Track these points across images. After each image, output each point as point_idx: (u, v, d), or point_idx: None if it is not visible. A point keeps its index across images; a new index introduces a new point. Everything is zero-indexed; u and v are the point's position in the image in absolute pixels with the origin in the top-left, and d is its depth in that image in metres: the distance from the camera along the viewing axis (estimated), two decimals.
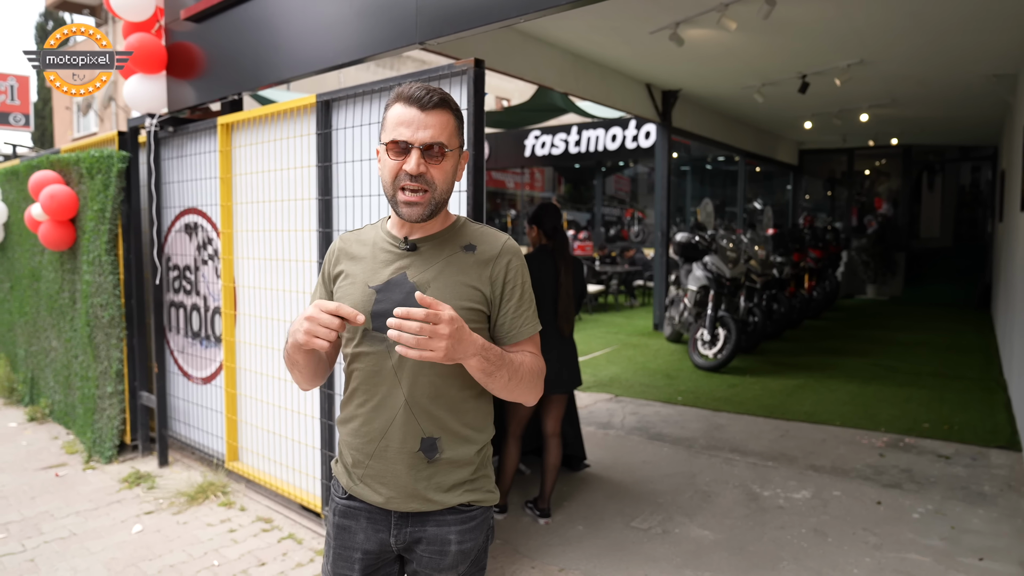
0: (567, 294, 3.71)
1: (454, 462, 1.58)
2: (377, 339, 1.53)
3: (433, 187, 1.50)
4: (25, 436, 5.36)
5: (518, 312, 1.59)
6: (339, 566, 1.64)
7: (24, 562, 3.39)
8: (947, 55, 7.12)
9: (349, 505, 1.64)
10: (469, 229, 1.62)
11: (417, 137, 1.47)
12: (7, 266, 6.37)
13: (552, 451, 3.81)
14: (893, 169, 15.40)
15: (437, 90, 1.51)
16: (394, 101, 1.52)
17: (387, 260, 1.57)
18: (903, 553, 3.40)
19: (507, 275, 1.58)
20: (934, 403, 6.13)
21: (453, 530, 1.60)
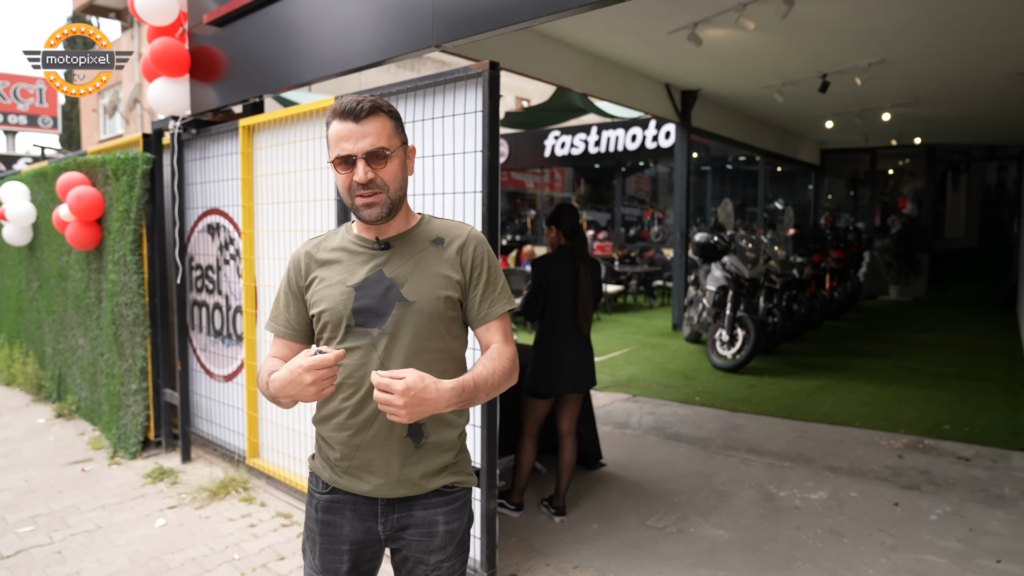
0: (586, 293, 3.72)
1: (439, 446, 1.67)
2: (360, 333, 1.61)
3: (385, 188, 1.59)
4: (53, 432, 5.48)
5: (485, 295, 1.68)
6: (327, 560, 1.69)
7: (51, 554, 3.48)
8: (970, 53, 7.04)
9: (332, 499, 1.69)
10: (434, 224, 1.72)
11: (359, 148, 1.55)
12: (36, 265, 6.52)
13: (567, 450, 3.83)
14: (917, 168, 15.21)
15: (367, 98, 1.58)
16: (331, 118, 1.60)
17: (363, 260, 1.65)
18: (919, 554, 3.38)
19: (473, 261, 1.67)
20: (955, 405, 6.06)
21: (440, 511, 1.67)
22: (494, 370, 1.61)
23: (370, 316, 1.61)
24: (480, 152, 2.80)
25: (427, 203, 3.08)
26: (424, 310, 1.61)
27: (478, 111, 2.81)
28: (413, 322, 1.60)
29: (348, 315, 1.61)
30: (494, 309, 1.69)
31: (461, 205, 2.92)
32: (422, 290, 1.61)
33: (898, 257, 13.54)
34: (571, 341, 3.69)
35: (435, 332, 1.63)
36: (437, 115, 3.00)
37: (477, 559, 3.00)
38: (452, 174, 2.96)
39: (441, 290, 1.63)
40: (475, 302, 1.68)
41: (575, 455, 3.85)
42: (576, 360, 3.70)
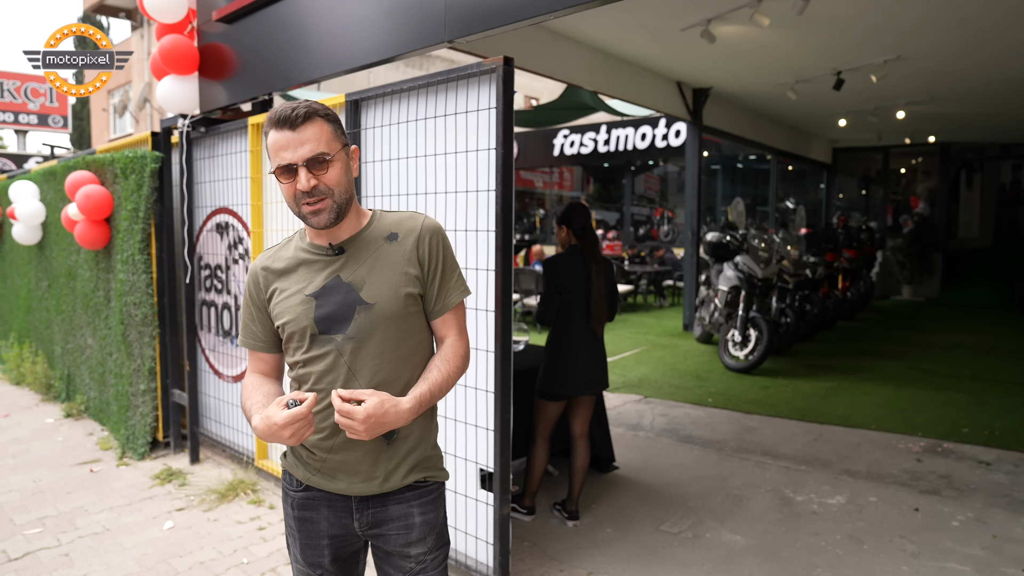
0: (599, 294, 3.66)
1: (410, 441, 1.68)
2: (325, 341, 1.61)
3: (330, 192, 1.58)
4: (61, 432, 5.46)
5: (442, 287, 1.69)
6: (308, 554, 1.72)
7: (59, 556, 3.45)
8: (988, 50, 6.92)
9: (307, 496, 1.70)
10: (386, 220, 1.70)
11: (298, 156, 1.54)
12: (45, 265, 6.51)
13: (580, 453, 3.76)
14: (930, 167, 15.04)
15: (302, 104, 1.56)
16: (268, 128, 1.58)
17: (318, 268, 1.65)
18: (942, 562, 3.30)
19: (430, 253, 1.67)
20: (973, 407, 5.96)
21: (414, 504, 1.70)
22: (448, 373, 1.66)
23: (333, 323, 1.61)
24: (494, 150, 2.74)
25: (439, 202, 3.02)
26: (386, 312, 1.61)
27: (492, 107, 2.75)
28: (376, 324, 1.61)
29: (311, 324, 1.61)
30: (449, 300, 1.70)
31: (474, 203, 2.86)
32: (381, 291, 1.61)
33: (911, 257, 13.40)
34: (584, 343, 3.63)
35: (400, 331, 1.64)
36: (449, 112, 2.94)
37: (490, 564, 2.94)
38: (464, 172, 2.90)
39: (401, 288, 1.63)
40: (432, 294, 1.69)
41: (588, 458, 3.79)
42: (589, 362, 3.63)
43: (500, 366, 2.79)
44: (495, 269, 2.78)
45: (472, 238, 2.88)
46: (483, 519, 2.97)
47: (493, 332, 2.80)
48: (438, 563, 1.74)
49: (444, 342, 1.72)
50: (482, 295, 2.85)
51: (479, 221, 2.85)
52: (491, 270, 2.80)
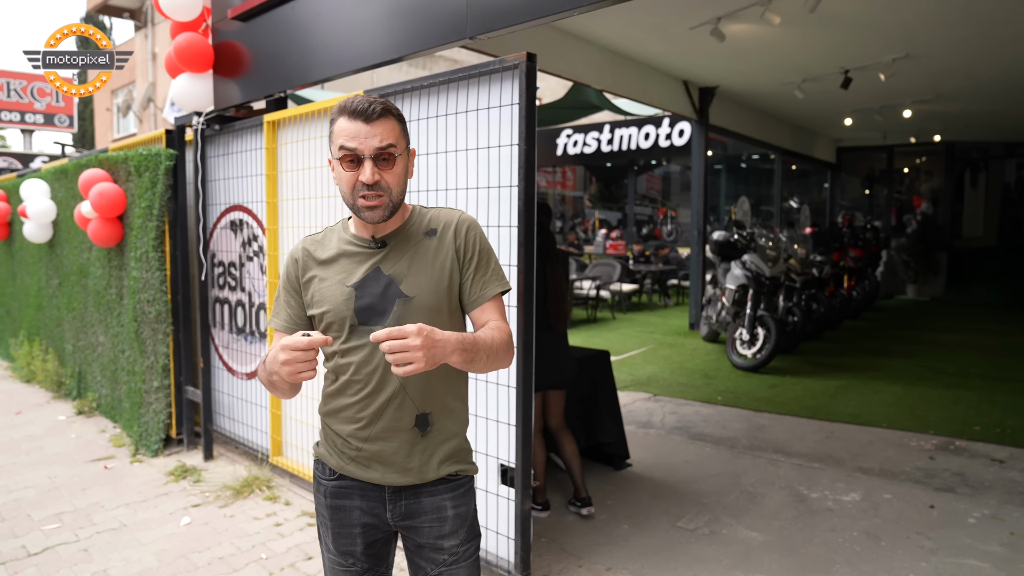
0: (556, 294, 3.67)
1: (444, 433, 1.70)
2: (364, 332, 1.62)
3: (388, 191, 1.59)
4: (74, 429, 5.47)
5: (477, 277, 1.69)
6: (341, 543, 1.73)
7: (78, 552, 3.45)
8: (997, 47, 6.93)
9: (340, 485, 1.72)
10: (426, 216, 1.73)
11: (368, 146, 1.55)
12: (56, 263, 6.52)
13: (564, 444, 3.81)
14: (935, 166, 15.05)
15: (379, 100, 1.59)
16: (339, 115, 1.59)
17: (359, 260, 1.67)
18: (961, 559, 3.31)
19: (466, 245, 1.69)
20: (984, 406, 5.96)
21: (447, 497, 1.71)
22: (493, 338, 1.63)
23: (372, 314, 1.63)
24: (516, 146, 2.75)
25: (460, 197, 3.03)
26: (424, 304, 1.63)
27: (514, 104, 2.75)
28: (414, 317, 1.61)
29: (351, 315, 1.63)
30: (487, 290, 1.70)
31: (496, 199, 2.87)
32: (421, 284, 1.64)
33: (916, 256, 13.40)
34: (547, 339, 3.63)
35: (437, 324, 1.62)
36: (471, 108, 2.94)
37: (511, 560, 2.95)
38: (487, 168, 2.91)
39: (439, 281, 1.66)
40: (468, 284, 1.70)
41: (575, 444, 3.84)
42: (549, 358, 3.64)
43: (522, 361, 2.80)
44: (518, 264, 2.79)
45: (494, 233, 2.89)
46: (504, 514, 2.98)
47: (516, 326, 2.81)
48: (470, 555, 1.75)
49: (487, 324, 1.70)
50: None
51: (501, 217, 2.86)
52: (514, 265, 2.81)
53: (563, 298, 3.71)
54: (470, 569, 1.74)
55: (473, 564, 1.76)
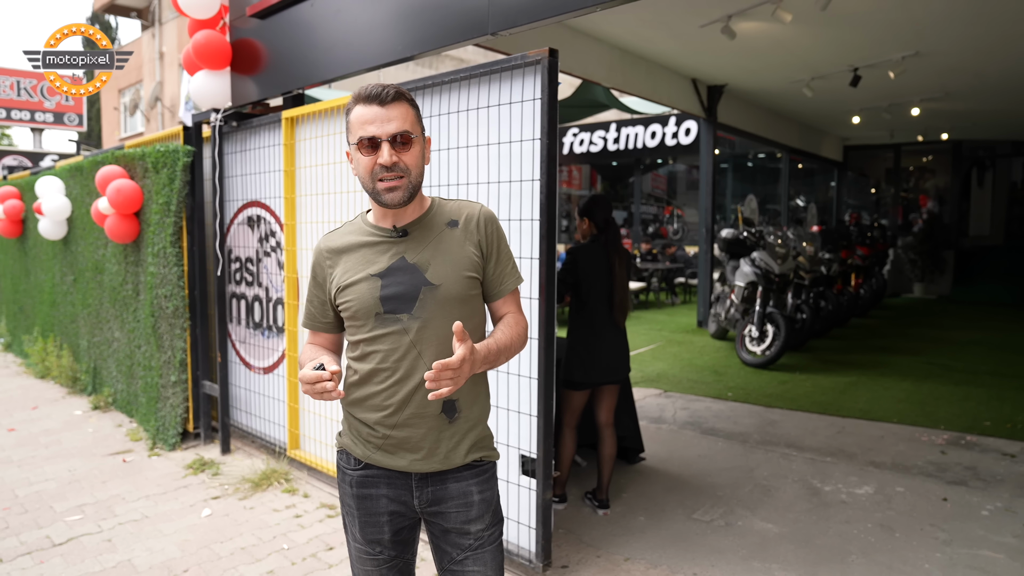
0: (622, 286, 3.71)
1: (470, 420, 1.74)
2: (391, 320, 1.66)
3: (408, 172, 1.63)
4: (90, 423, 5.52)
5: (497, 271, 1.75)
6: (368, 532, 1.75)
7: (102, 542, 3.50)
8: (1006, 45, 6.95)
9: (367, 474, 1.74)
10: (446, 207, 1.76)
11: (384, 130, 1.59)
12: (70, 259, 6.57)
13: (607, 441, 3.80)
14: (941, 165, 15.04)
15: (391, 86, 1.63)
16: (354, 104, 1.64)
17: (382, 249, 1.69)
18: (975, 550, 3.34)
19: (488, 238, 1.74)
20: (994, 401, 5.98)
21: (472, 483, 1.74)
22: (511, 336, 1.71)
23: (398, 303, 1.65)
24: (539, 140, 2.79)
25: (482, 192, 3.07)
26: (450, 292, 1.66)
27: (536, 99, 2.79)
28: (440, 305, 1.65)
29: (376, 304, 1.66)
30: (506, 284, 1.77)
31: (518, 193, 2.91)
32: (446, 273, 1.66)
33: (923, 255, 13.41)
34: (606, 333, 3.67)
35: (462, 312, 1.69)
36: (492, 103, 2.98)
37: (532, 550, 2.99)
38: (508, 162, 2.94)
39: (463, 271, 1.68)
40: (490, 276, 1.75)
41: (615, 447, 3.83)
42: (611, 351, 3.68)
43: (544, 353, 2.84)
44: (539, 258, 2.83)
45: (516, 227, 2.93)
46: (524, 504, 3.02)
47: (537, 319, 2.85)
48: (495, 539, 1.78)
49: (505, 316, 1.78)
50: (526, 283, 2.90)
51: (523, 210, 2.90)
52: (535, 258, 2.85)
53: (627, 294, 3.74)
54: (495, 553, 1.77)
55: (497, 548, 1.78)
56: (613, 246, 3.73)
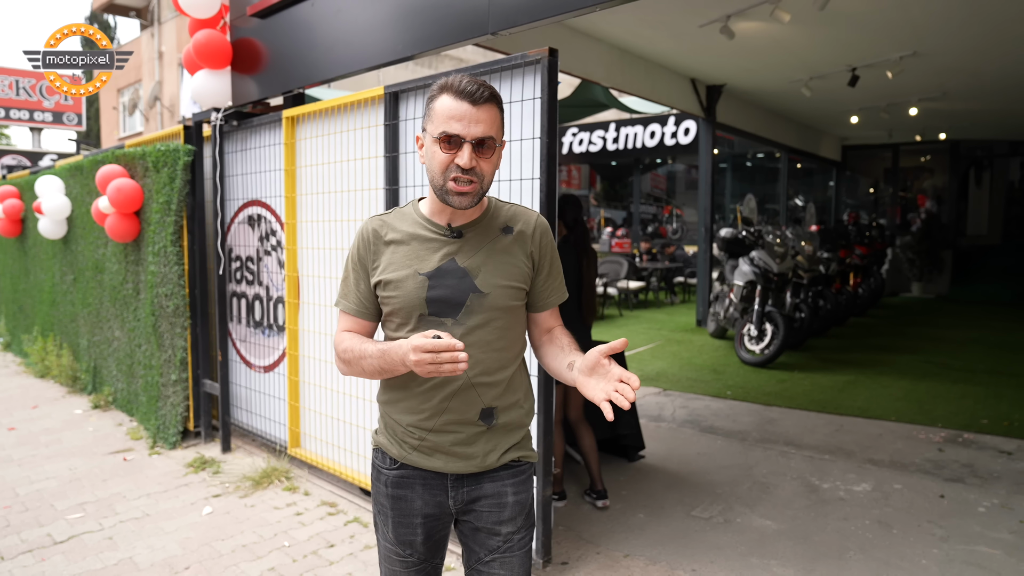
0: (590, 286, 3.74)
1: (508, 426, 1.70)
2: (434, 323, 1.60)
3: (481, 178, 1.56)
4: (90, 422, 5.53)
5: (547, 284, 1.73)
6: (401, 532, 1.71)
7: (103, 539, 3.52)
8: (1003, 46, 6.97)
9: (402, 475, 1.70)
10: (503, 211, 1.70)
11: (470, 132, 1.51)
12: (70, 259, 6.58)
13: (583, 436, 3.86)
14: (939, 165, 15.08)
15: (486, 84, 1.55)
16: (441, 92, 1.55)
17: (433, 247, 1.62)
18: (972, 546, 3.36)
19: (541, 250, 1.70)
20: (991, 400, 6.01)
21: (508, 483, 1.71)
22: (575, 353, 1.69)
23: (444, 306, 1.60)
24: (539, 139, 2.81)
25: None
26: (497, 302, 1.61)
27: (537, 98, 2.81)
28: (486, 313, 1.61)
29: (421, 304, 1.60)
30: (552, 298, 1.75)
31: (518, 192, 2.93)
32: (496, 281, 1.61)
33: (921, 254, 13.44)
34: (575, 332, 3.67)
35: (506, 322, 1.65)
36: None
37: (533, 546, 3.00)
38: (509, 161, 2.96)
39: (512, 281, 1.64)
40: (539, 288, 1.71)
41: (593, 438, 3.88)
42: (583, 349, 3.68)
43: None
44: None
45: None
46: None
47: None
48: (524, 543, 1.73)
49: (553, 332, 1.77)
50: None
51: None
52: None
53: (594, 294, 3.78)
54: (522, 559, 1.73)
55: (526, 555, 1.74)
56: (582, 246, 3.75)
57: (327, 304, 4.09)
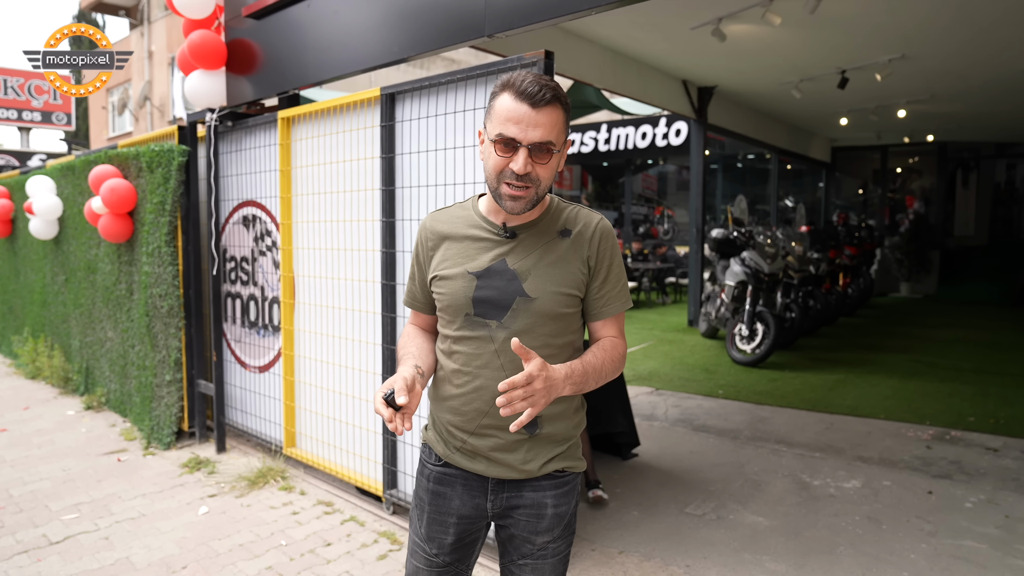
0: None
1: (552, 436, 1.64)
2: (479, 324, 1.58)
3: (537, 183, 1.51)
4: (83, 423, 5.52)
5: (603, 291, 1.63)
6: (434, 529, 1.70)
7: (99, 540, 3.52)
8: (990, 49, 7.07)
9: (445, 472, 1.69)
10: (563, 213, 1.64)
11: (527, 136, 1.45)
12: (62, 259, 6.56)
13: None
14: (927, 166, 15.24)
15: (549, 84, 1.47)
16: (503, 90, 1.49)
17: (485, 246, 1.60)
18: (959, 540, 3.42)
19: (599, 255, 1.61)
20: (978, 398, 6.09)
21: (549, 495, 1.65)
22: (603, 360, 1.59)
23: (490, 308, 1.57)
24: None
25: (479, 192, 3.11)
26: (545, 308, 1.56)
27: None
28: (532, 318, 1.56)
29: (467, 304, 1.58)
30: (610, 307, 1.64)
31: None
32: (544, 286, 1.56)
33: (909, 254, 13.58)
34: None
35: (554, 329, 1.59)
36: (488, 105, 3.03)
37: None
38: None
39: (564, 287, 1.57)
40: (593, 296, 1.63)
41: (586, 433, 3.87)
42: None
43: None
44: None
45: None
46: None
47: None
48: (559, 551, 1.70)
49: (603, 340, 1.66)
50: None
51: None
52: None
53: None
54: (556, 566, 1.71)
55: (560, 561, 1.71)
56: None
57: (323, 304, 4.11)
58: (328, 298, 4.07)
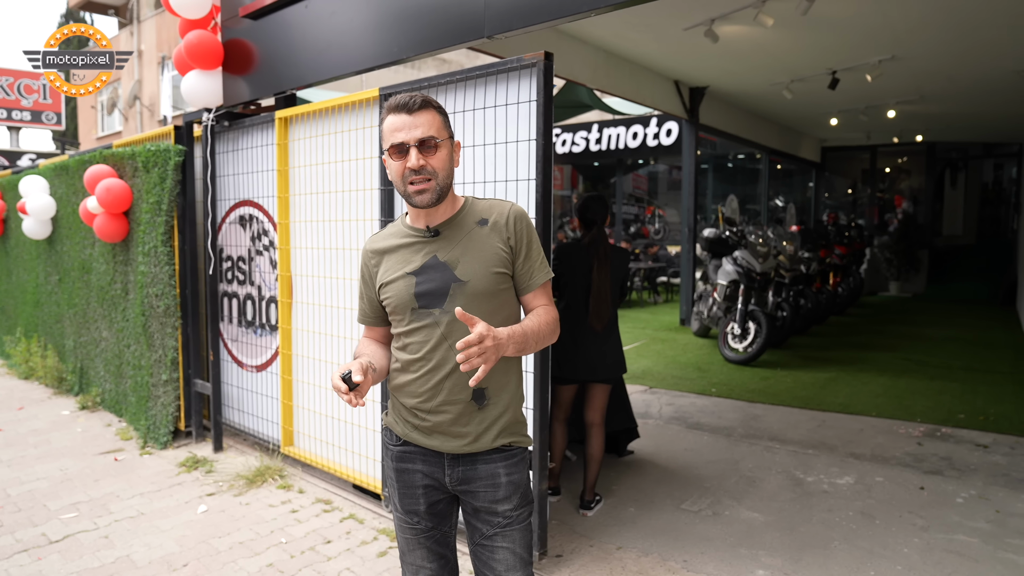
0: (599, 291, 3.61)
1: (499, 406, 1.85)
2: (424, 314, 1.79)
3: (435, 175, 1.74)
4: (79, 423, 5.51)
5: (527, 266, 1.85)
6: (406, 502, 1.91)
7: (99, 538, 3.53)
8: (978, 51, 7.16)
9: (404, 450, 1.90)
10: (478, 206, 1.87)
11: (412, 136, 1.72)
12: (55, 259, 6.54)
13: (593, 441, 3.78)
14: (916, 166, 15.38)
15: (419, 94, 1.76)
16: (386, 114, 1.77)
17: (417, 248, 1.83)
18: (951, 535, 3.48)
19: (517, 234, 1.83)
20: (967, 395, 6.17)
21: (500, 465, 1.85)
22: (539, 324, 1.79)
23: (431, 298, 1.78)
24: (535, 140, 2.87)
25: (478, 191, 3.15)
26: (478, 288, 1.77)
27: (532, 100, 2.88)
28: (468, 299, 1.76)
29: (411, 299, 1.79)
30: (536, 278, 1.86)
31: (514, 192, 2.99)
32: (474, 270, 1.77)
33: (898, 254, 13.69)
34: (583, 333, 3.65)
35: (491, 306, 1.79)
36: (489, 104, 3.06)
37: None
38: (504, 162, 3.03)
39: (491, 267, 1.79)
40: (519, 272, 1.85)
41: (602, 447, 3.81)
42: (591, 351, 3.65)
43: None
44: None
45: None
46: None
47: None
48: (523, 519, 1.89)
49: (535, 309, 1.88)
50: None
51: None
52: None
53: (604, 298, 3.64)
54: (523, 532, 1.89)
55: (526, 528, 1.90)
56: (595, 248, 3.64)
57: (320, 303, 4.13)
58: (326, 297, 4.08)
